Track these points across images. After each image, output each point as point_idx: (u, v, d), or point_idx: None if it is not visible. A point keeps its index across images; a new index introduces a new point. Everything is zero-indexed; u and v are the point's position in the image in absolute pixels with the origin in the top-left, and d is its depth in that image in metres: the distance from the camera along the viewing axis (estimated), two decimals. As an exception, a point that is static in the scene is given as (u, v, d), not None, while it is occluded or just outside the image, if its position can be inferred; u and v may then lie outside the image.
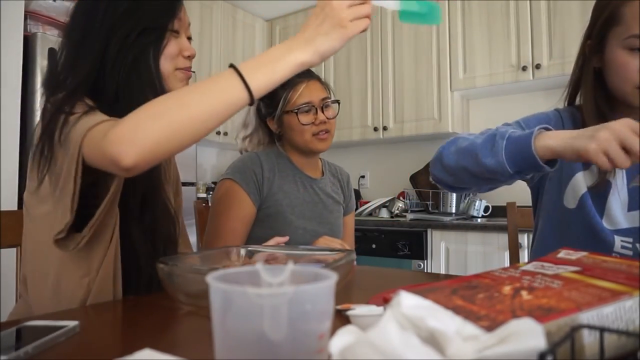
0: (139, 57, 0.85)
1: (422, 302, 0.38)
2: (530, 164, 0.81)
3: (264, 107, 1.38)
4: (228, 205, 1.27)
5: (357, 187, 3.46)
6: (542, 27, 2.50)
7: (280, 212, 1.30)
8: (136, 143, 0.64)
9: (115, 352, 0.46)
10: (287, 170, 1.35)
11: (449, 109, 2.79)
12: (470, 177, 0.92)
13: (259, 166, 1.30)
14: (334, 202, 1.44)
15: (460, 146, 0.93)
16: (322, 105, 1.33)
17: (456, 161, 0.92)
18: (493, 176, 0.88)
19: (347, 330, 0.35)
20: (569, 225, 1.00)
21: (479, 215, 2.71)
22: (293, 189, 1.34)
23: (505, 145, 0.83)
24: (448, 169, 0.95)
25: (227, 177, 1.30)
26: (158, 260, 0.72)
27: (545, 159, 0.80)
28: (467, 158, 0.90)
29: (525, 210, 1.52)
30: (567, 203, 1.00)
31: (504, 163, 0.83)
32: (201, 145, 2.92)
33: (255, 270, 0.37)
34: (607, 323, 0.40)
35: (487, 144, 0.87)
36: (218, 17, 3.21)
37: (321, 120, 1.31)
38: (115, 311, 0.72)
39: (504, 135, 0.85)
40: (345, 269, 0.78)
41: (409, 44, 2.93)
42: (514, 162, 0.83)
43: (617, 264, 0.51)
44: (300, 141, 1.33)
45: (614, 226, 0.95)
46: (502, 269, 0.57)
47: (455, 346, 0.33)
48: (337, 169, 1.54)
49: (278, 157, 1.36)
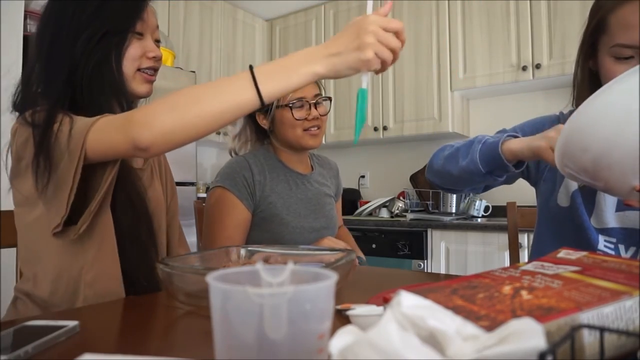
0: (101, 60, 0.86)
1: (422, 302, 0.38)
2: (498, 164, 0.93)
3: None
4: (221, 213, 1.26)
5: (357, 187, 3.46)
6: (542, 27, 2.50)
7: (276, 214, 1.30)
8: (153, 128, 0.69)
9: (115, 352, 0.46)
10: (277, 170, 1.35)
11: (449, 108, 2.79)
12: (454, 178, 1.05)
13: (248, 170, 1.29)
14: (326, 195, 1.44)
15: (446, 152, 1.07)
16: (315, 101, 1.33)
17: (442, 165, 1.07)
18: (470, 176, 1.00)
19: (347, 330, 0.35)
20: (561, 223, 1.01)
21: (479, 215, 2.71)
22: (285, 189, 1.34)
23: (480, 148, 0.96)
24: (437, 173, 1.09)
25: (218, 185, 1.29)
26: (158, 261, 0.72)
27: (510, 160, 0.92)
28: (451, 162, 1.04)
29: (525, 210, 1.52)
30: (561, 201, 1.01)
31: (478, 163, 0.96)
32: (201, 145, 2.92)
33: (255, 270, 0.37)
34: (607, 323, 0.40)
35: (466, 148, 1.01)
36: (218, 17, 3.21)
37: (314, 116, 1.32)
38: (115, 311, 0.72)
39: (481, 140, 0.98)
40: (345, 269, 0.78)
41: (409, 44, 2.93)
42: (486, 162, 0.95)
43: (617, 264, 0.51)
44: (291, 136, 1.33)
45: (601, 225, 0.95)
46: (502, 269, 0.57)
47: (455, 346, 0.33)
48: (325, 161, 1.55)
49: (266, 157, 1.36)
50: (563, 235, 1.00)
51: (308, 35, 3.41)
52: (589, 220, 0.96)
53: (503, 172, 0.96)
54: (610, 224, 0.94)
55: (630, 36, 0.81)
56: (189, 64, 2.96)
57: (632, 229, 0.92)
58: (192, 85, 0.88)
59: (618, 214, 0.94)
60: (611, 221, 0.94)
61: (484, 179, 1.00)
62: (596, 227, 0.95)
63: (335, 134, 3.24)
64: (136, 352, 0.49)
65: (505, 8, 2.62)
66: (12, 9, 2.05)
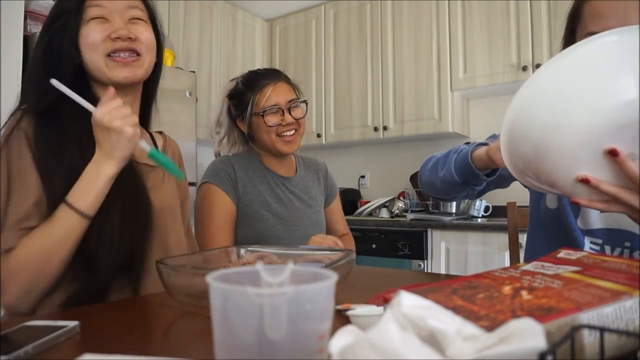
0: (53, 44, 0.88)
1: (422, 302, 0.38)
2: (471, 173, 0.93)
3: (233, 109, 1.40)
4: (210, 206, 1.30)
5: (357, 187, 3.46)
6: (542, 27, 2.50)
7: (256, 209, 1.32)
8: (9, 291, 0.77)
9: (115, 352, 0.46)
10: (258, 170, 1.38)
11: (449, 108, 2.79)
12: (438, 189, 1.05)
13: (230, 167, 1.33)
14: (310, 197, 1.45)
15: (430, 164, 1.08)
16: (288, 106, 1.33)
17: (428, 177, 1.08)
18: (450, 187, 1.00)
19: (347, 330, 0.35)
20: (550, 226, 1.00)
21: (479, 215, 2.71)
22: (266, 189, 1.36)
23: (455, 158, 0.96)
24: (424, 184, 1.12)
25: (204, 182, 1.33)
26: (158, 261, 0.72)
27: (480, 168, 0.92)
28: (433, 173, 1.05)
29: (525, 210, 1.52)
30: (549, 203, 1.00)
31: (453, 173, 0.95)
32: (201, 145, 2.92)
33: (255, 270, 0.37)
34: (607, 323, 0.40)
35: (444, 158, 1.01)
36: (218, 17, 3.21)
37: (288, 122, 1.32)
38: (115, 311, 0.72)
39: (457, 150, 0.97)
40: (345, 269, 0.78)
41: (409, 44, 2.93)
42: (460, 172, 0.95)
43: (617, 264, 0.51)
44: (267, 141, 1.34)
45: (587, 226, 0.93)
46: (502, 269, 0.57)
47: (455, 346, 0.33)
48: (313, 162, 1.55)
49: (249, 158, 1.39)
50: (552, 238, 0.99)
51: (308, 35, 3.41)
52: (575, 222, 0.94)
53: (477, 181, 0.95)
54: (595, 224, 0.92)
55: (601, 24, 0.80)
56: (189, 64, 2.96)
57: (617, 230, 0.90)
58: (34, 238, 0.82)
59: (604, 214, 0.92)
60: (596, 222, 0.92)
61: (463, 189, 1.00)
62: (582, 229, 0.94)
63: (336, 134, 3.24)
64: (136, 352, 0.49)
65: (505, 8, 2.62)
66: (12, 9, 2.05)
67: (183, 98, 2.71)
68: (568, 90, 0.61)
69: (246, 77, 1.39)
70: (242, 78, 1.40)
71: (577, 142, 0.61)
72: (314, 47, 3.37)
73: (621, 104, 0.59)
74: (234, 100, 1.39)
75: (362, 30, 3.14)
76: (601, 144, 0.62)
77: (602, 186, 0.65)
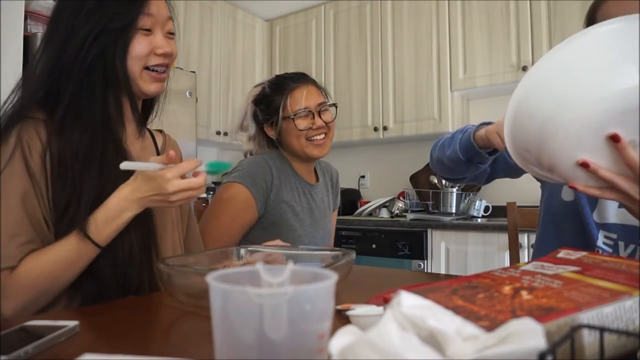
0: (97, 59, 0.83)
1: (422, 302, 0.38)
2: (474, 151, 0.98)
3: (260, 114, 1.38)
4: (234, 209, 1.25)
5: (357, 187, 3.46)
6: (542, 27, 2.50)
7: (286, 219, 1.30)
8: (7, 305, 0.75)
9: (115, 352, 0.46)
10: (289, 176, 1.36)
11: (449, 109, 2.79)
12: (445, 167, 1.11)
13: (269, 173, 1.29)
14: (326, 206, 1.45)
15: (440, 142, 1.15)
16: (319, 109, 1.33)
17: (437, 155, 1.14)
18: (455, 165, 1.05)
19: (347, 330, 0.35)
20: (564, 219, 1.00)
21: (479, 215, 2.71)
22: (295, 197, 1.34)
23: (460, 137, 1.01)
24: (434, 162, 1.18)
25: (238, 181, 1.27)
26: (158, 261, 0.72)
27: (482, 147, 0.97)
28: (442, 151, 1.11)
29: (525, 210, 1.52)
30: (565, 196, 1.01)
31: (458, 152, 1.01)
32: (201, 145, 2.92)
33: (255, 270, 0.37)
34: (607, 323, 0.40)
35: (451, 138, 1.07)
36: (218, 17, 3.21)
37: (319, 125, 1.32)
38: (115, 311, 0.72)
39: (464, 129, 1.02)
40: (345, 269, 0.78)
41: (409, 44, 2.93)
42: (465, 150, 1.00)
43: (617, 264, 0.51)
44: (297, 146, 1.33)
45: (602, 220, 0.94)
46: (502, 269, 0.57)
47: (455, 346, 0.33)
48: (327, 168, 1.54)
49: (282, 162, 1.36)
50: (565, 233, 1.00)
51: (308, 36, 3.41)
52: (591, 215, 0.95)
53: (480, 158, 1.00)
54: (611, 219, 0.93)
55: None
56: (189, 64, 2.96)
57: (632, 226, 0.91)
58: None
59: (620, 210, 0.92)
60: (613, 216, 0.93)
61: (468, 168, 1.05)
62: (597, 222, 0.94)
63: (336, 134, 3.19)
64: (136, 352, 0.49)
65: (505, 8, 2.62)
66: (12, 9, 2.05)
67: (183, 98, 2.71)
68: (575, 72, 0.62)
69: (273, 81, 1.37)
70: (269, 83, 1.37)
71: (582, 124, 0.62)
72: (314, 47, 3.37)
73: (625, 90, 0.60)
74: (261, 105, 1.36)
75: (362, 31, 3.14)
76: (604, 129, 0.63)
77: (601, 172, 0.66)
